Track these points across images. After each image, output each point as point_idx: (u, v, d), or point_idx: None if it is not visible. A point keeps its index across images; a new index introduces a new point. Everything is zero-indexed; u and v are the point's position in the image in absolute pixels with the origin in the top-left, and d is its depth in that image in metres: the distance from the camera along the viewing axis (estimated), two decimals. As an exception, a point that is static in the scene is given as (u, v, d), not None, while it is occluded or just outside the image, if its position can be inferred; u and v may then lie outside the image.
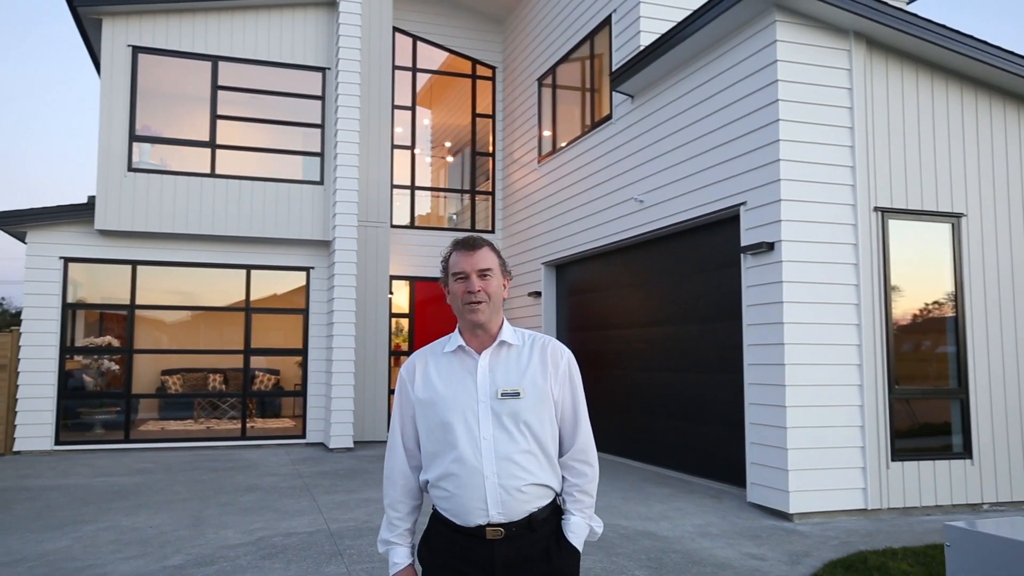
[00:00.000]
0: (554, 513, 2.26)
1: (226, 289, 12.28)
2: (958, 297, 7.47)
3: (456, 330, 2.33)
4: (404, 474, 2.32)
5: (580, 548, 2.26)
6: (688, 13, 8.23)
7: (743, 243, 7.46)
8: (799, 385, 6.82)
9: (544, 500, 2.21)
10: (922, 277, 7.45)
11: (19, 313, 41.92)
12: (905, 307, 7.38)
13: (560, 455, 2.30)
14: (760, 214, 7.24)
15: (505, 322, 2.31)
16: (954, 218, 7.54)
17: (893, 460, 6.99)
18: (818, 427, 6.80)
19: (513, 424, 2.16)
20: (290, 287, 12.56)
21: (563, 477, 2.30)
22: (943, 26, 7.17)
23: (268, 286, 12.48)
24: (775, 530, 6.44)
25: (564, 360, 2.30)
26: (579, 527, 2.27)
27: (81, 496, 8.06)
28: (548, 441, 2.23)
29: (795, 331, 6.86)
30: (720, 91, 7.92)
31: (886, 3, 7.04)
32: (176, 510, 7.37)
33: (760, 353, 7.19)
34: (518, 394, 2.18)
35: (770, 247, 7.04)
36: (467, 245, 2.29)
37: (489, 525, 2.14)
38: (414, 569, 2.29)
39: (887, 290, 7.21)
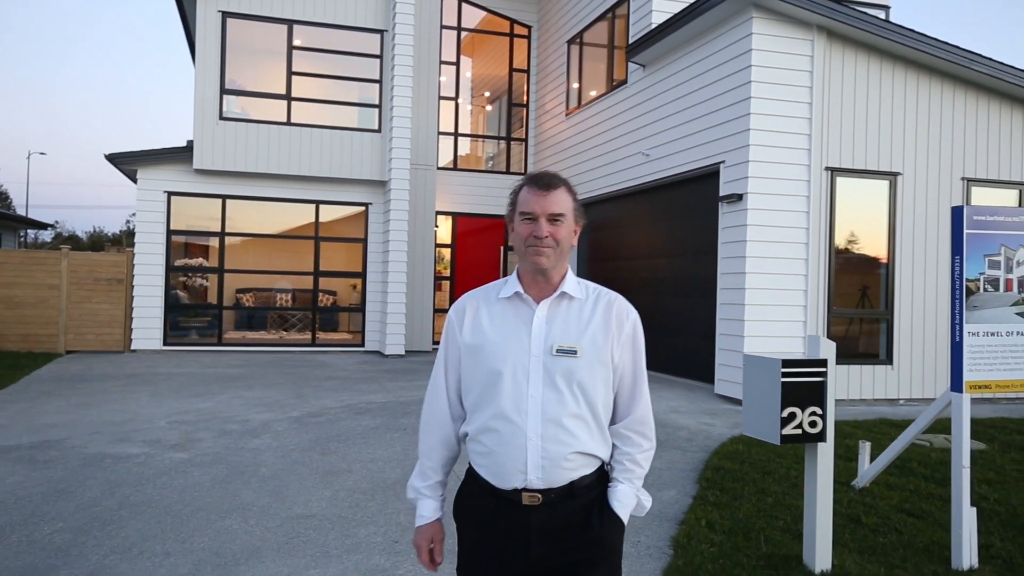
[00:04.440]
0: (599, 480, 2.08)
1: (298, 220, 14.53)
2: (890, 239, 9.44)
3: (514, 273, 2.12)
4: (443, 422, 2.15)
5: (625, 520, 2.08)
6: (692, 0, 10.01)
7: (721, 193, 9.46)
8: (755, 305, 8.90)
9: (588, 469, 2.03)
10: (862, 223, 9.42)
11: (71, 237, 45.04)
12: (847, 247, 9.37)
13: (614, 422, 2.12)
14: (734, 171, 9.21)
15: (569, 272, 2.11)
16: (892, 176, 9.45)
17: (827, 364, 9.08)
18: (769, 337, 8.89)
19: (565, 384, 1.98)
20: (352, 220, 14.77)
21: (614, 445, 2.12)
22: (888, 22, 8.96)
23: (333, 219, 14.71)
24: (729, 411, 8.63)
25: (630, 321, 2.13)
26: (626, 496, 2.09)
27: (202, 379, 10.49)
28: (600, 406, 2.04)
29: (755, 264, 8.91)
30: (709, 69, 9.79)
31: (844, 3, 8.82)
32: (280, 389, 9.76)
33: (729, 280, 9.26)
34: (575, 352, 1.99)
35: (739, 197, 9.04)
36: (540, 183, 2.06)
37: (526, 490, 1.98)
38: (441, 525, 2.16)
39: (832, 233, 9.21)
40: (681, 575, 4.02)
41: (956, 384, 4.24)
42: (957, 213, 4.26)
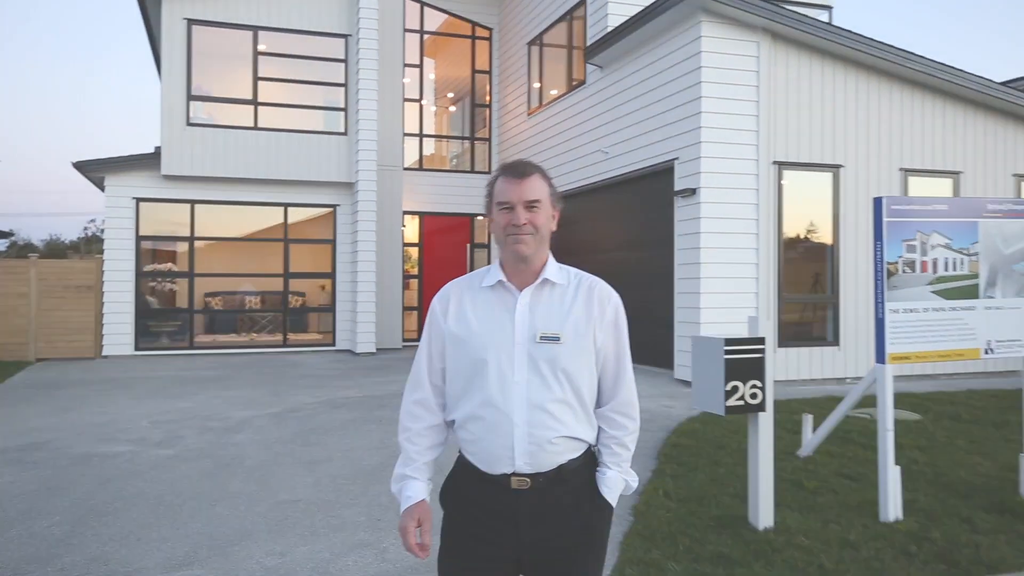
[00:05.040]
0: (587, 464, 2.13)
1: (267, 223, 14.74)
2: (835, 228, 10.01)
3: (496, 262, 2.16)
4: (429, 409, 2.17)
5: (614, 504, 2.14)
6: (648, 4, 10.44)
7: (676, 188, 9.94)
8: (711, 293, 9.40)
9: (575, 453, 2.08)
10: (809, 214, 9.98)
11: (27, 246, 44.51)
12: (794, 236, 9.92)
13: (599, 406, 2.16)
14: (688, 167, 9.70)
15: (550, 258, 2.15)
16: (834, 168, 10.02)
17: (780, 347, 9.63)
18: (723, 322, 9.37)
19: (550, 370, 2.02)
20: (320, 221, 15.02)
21: (600, 428, 2.16)
22: (829, 24, 9.52)
23: (302, 221, 14.95)
24: (687, 394, 9.11)
25: (611, 305, 2.14)
26: (615, 482, 2.14)
27: (178, 381, 10.71)
28: (585, 391, 2.08)
29: (709, 254, 9.41)
30: (663, 70, 10.27)
31: (787, 8, 9.35)
32: (256, 388, 10.03)
33: (685, 271, 9.75)
34: (558, 339, 2.03)
35: (693, 192, 9.53)
36: (515, 172, 2.09)
37: (515, 474, 2.02)
38: (428, 506, 2.13)
39: (780, 224, 9.74)
40: (640, 537, 4.44)
41: (880, 356, 4.72)
42: (877, 203, 4.75)
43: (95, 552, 4.36)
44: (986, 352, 4.93)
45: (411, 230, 16.58)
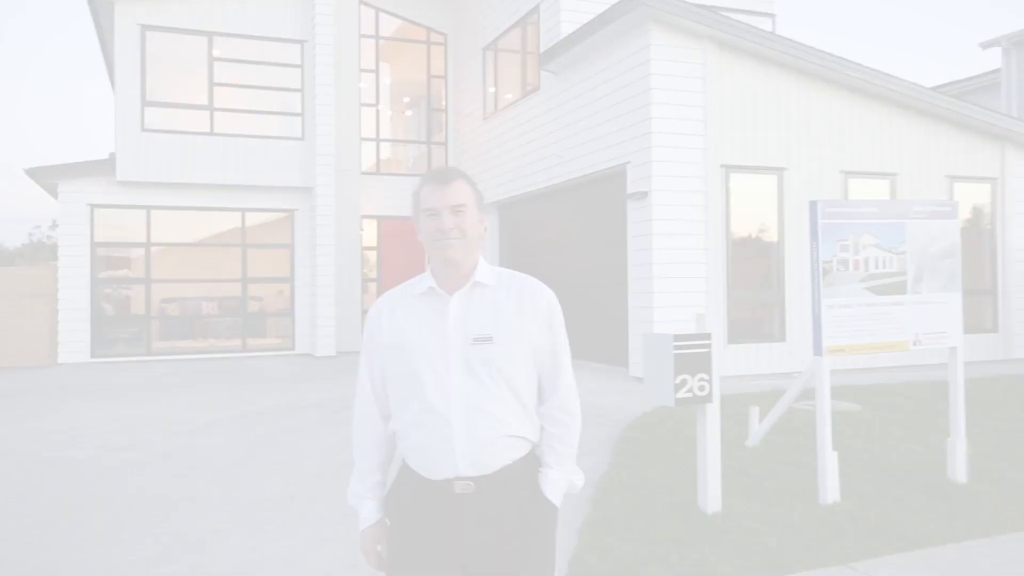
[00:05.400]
0: (531, 466, 2.13)
1: (225, 228, 14.73)
2: (780, 229, 10.46)
3: (428, 270, 2.18)
4: (374, 423, 2.20)
5: (558, 505, 2.16)
6: (599, 13, 10.76)
7: (628, 191, 10.28)
8: (663, 292, 9.76)
9: (519, 452, 2.09)
10: (755, 215, 10.42)
11: None
12: (742, 236, 10.34)
13: (540, 404, 2.17)
14: (639, 170, 10.04)
15: (481, 261, 2.15)
16: (779, 171, 10.47)
17: (730, 343, 10.03)
18: (676, 321, 9.71)
19: (486, 372, 2.03)
20: (278, 226, 15.05)
21: (542, 427, 2.17)
22: (771, 33, 9.96)
23: (259, 225, 14.96)
24: (641, 389, 9.43)
25: (544, 302, 2.17)
26: (558, 482, 2.15)
27: (138, 387, 10.70)
28: (524, 389, 2.09)
29: (660, 255, 9.77)
30: (615, 76, 10.61)
31: (732, 18, 9.76)
32: (219, 392, 10.08)
33: (638, 271, 10.10)
34: (491, 339, 2.05)
35: (644, 194, 9.88)
36: (438, 178, 2.12)
37: (458, 479, 2.02)
38: (384, 524, 2.19)
39: (728, 224, 10.16)
40: (597, 524, 4.70)
41: (817, 349, 5.07)
42: (813, 207, 5.10)
43: (70, 552, 4.47)
44: (914, 344, 5.32)
45: (369, 234, 16.67)
